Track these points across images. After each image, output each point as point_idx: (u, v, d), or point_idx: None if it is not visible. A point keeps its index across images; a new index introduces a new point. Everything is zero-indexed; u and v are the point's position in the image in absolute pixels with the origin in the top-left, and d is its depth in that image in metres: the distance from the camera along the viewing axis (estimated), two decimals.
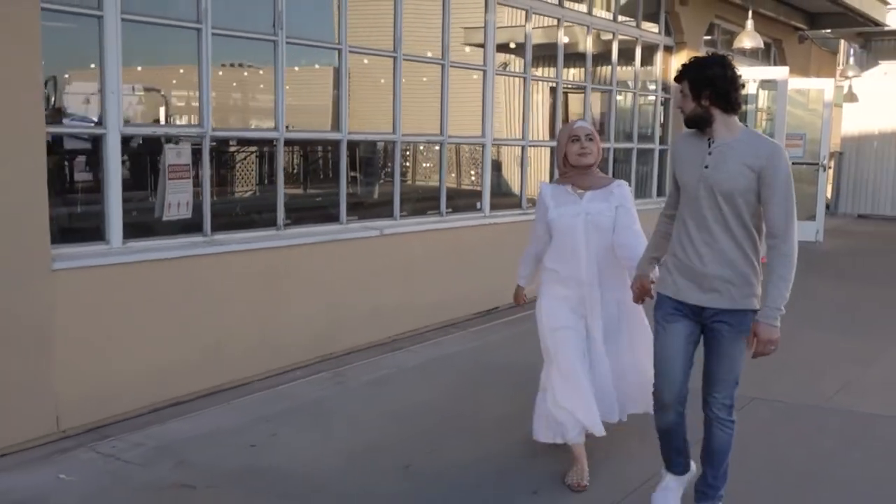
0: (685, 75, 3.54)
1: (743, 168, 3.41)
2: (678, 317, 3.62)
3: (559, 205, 4.24)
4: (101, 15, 4.89)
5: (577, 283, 4.24)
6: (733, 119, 3.52)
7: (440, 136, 7.49)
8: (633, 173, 10.76)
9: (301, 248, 6.12)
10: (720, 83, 3.45)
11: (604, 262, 4.23)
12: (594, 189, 4.23)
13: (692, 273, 3.55)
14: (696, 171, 3.52)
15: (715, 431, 3.65)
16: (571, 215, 4.19)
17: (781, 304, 3.39)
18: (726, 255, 3.49)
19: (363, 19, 6.69)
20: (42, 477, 4.22)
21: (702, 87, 3.46)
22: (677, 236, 3.65)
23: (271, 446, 4.69)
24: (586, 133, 4.22)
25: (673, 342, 3.63)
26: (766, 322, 3.40)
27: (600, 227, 4.19)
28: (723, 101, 3.47)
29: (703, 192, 3.49)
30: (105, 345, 4.88)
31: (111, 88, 4.96)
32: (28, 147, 4.45)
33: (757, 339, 3.42)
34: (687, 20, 11.18)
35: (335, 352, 6.32)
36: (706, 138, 3.53)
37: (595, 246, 4.20)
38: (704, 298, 3.54)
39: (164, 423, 4.95)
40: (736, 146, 3.46)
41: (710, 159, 3.49)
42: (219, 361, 5.50)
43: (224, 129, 5.92)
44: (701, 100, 3.48)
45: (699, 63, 3.54)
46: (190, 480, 4.20)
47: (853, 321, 7.93)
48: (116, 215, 5.07)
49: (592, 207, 4.19)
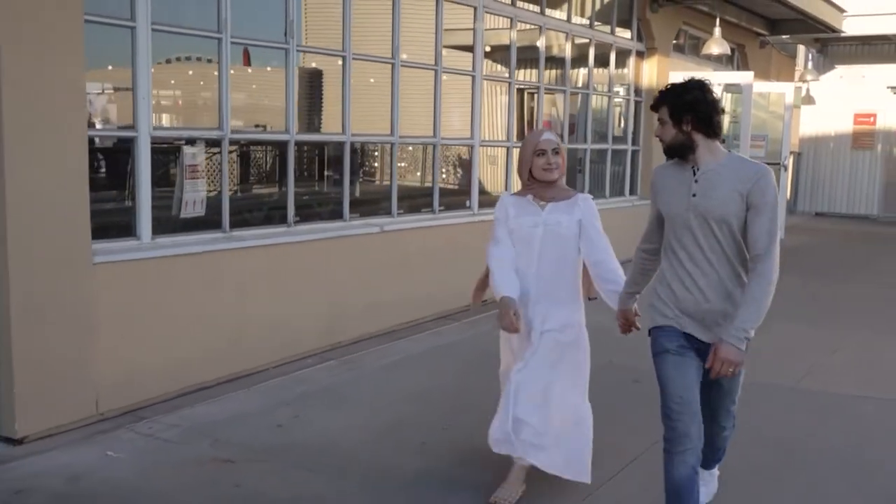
0: (663, 102, 3.42)
1: (733, 193, 3.29)
2: (688, 348, 3.45)
3: (519, 214, 4.09)
4: (134, 26, 5.24)
5: (524, 295, 4.04)
6: (716, 144, 3.40)
7: (433, 137, 7.92)
8: (608, 173, 11.28)
9: (309, 243, 6.50)
10: (702, 108, 3.34)
11: (555, 278, 4.07)
12: (557, 201, 4.08)
13: (694, 310, 3.41)
14: (683, 200, 3.39)
15: (720, 438, 3.76)
16: (530, 226, 4.05)
17: (751, 327, 3.24)
18: (725, 286, 3.36)
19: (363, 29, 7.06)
20: (91, 454, 4.56)
21: (682, 113, 3.35)
22: (671, 271, 3.48)
23: (296, 426, 5.08)
24: (553, 147, 4.04)
25: (687, 374, 3.42)
26: (729, 342, 3.24)
27: (558, 237, 4.03)
28: (705, 125, 3.35)
29: (696, 222, 3.36)
30: (138, 333, 5.23)
31: (142, 94, 5.31)
32: (72, 149, 4.78)
33: (714, 357, 3.26)
34: (657, 27, 11.73)
35: (342, 341, 6.72)
36: (689, 166, 3.41)
37: (548, 260, 4.05)
38: (709, 335, 3.40)
39: (193, 406, 5.31)
40: (722, 171, 3.34)
41: (696, 187, 3.36)
42: (238, 349, 5.86)
43: (240, 131, 6.26)
44: (682, 125, 3.36)
45: (678, 88, 3.42)
46: (227, 456, 4.59)
47: (817, 313, 8.51)
48: (146, 213, 5.42)
49: (552, 218, 4.04)
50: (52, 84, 4.63)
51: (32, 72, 4.52)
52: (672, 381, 3.41)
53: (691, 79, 3.50)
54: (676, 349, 3.44)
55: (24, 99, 4.49)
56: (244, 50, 6.43)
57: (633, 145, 11.86)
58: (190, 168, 6.09)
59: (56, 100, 4.67)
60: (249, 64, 6.53)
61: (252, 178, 6.89)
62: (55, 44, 4.63)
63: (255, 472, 4.40)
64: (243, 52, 6.34)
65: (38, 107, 4.57)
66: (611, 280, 4.01)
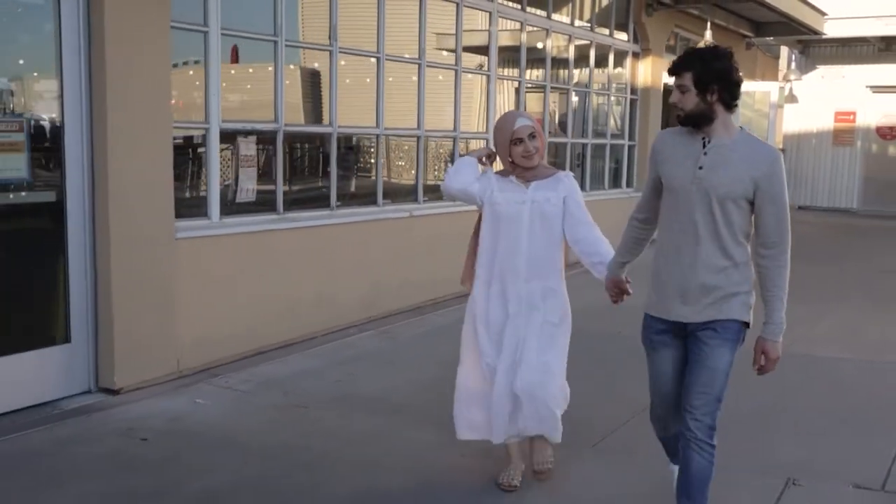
0: (688, 67, 3.21)
1: (743, 175, 3.18)
2: (666, 337, 3.42)
3: (504, 189, 4.04)
4: (207, 30, 5.96)
5: (514, 276, 4.03)
6: (731, 118, 3.26)
7: (454, 132, 8.68)
8: (607, 166, 12.08)
9: (349, 225, 7.24)
10: (733, 77, 3.19)
11: (544, 254, 4.05)
12: (539, 179, 4.05)
13: (675, 282, 3.33)
14: (689, 171, 3.24)
15: (692, 455, 3.30)
16: (517, 202, 4.00)
17: (784, 318, 3.23)
18: (713, 264, 3.26)
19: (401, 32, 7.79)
20: (182, 402, 5.29)
21: (710, 82, 3.15)
22: (664, 240, 3.41)
23: (352, 381, 5.82)
24: (529, 133, 3.96)
25: (665, 367, 3.46)
26: (771, 339, 3.24)
27: (546, 216, 4.00)
28: (729, 97, 3.20)
29: (697, 196, 3.23)
30: (210, 301, 5.94)
31: (213, 91, 6.02)
32: (160, 141, 5.50)
33: (766, 358, 3.27)
34: (652, 29, 12.51)
35: (375, 315, 7.46)
36: (700, 136, 3.25)
37: (538, 236, 4.02)
38: (690, 312, 3.32)
39: (258, 366, 6.04)
40: (735, 148, 3.21)
41: (705, 160, 3.22)
42: (292, 318, 6.59)
43: (292, 124, 6.99)
44: (707, 94, 3.17)
45: (706, 55, 3.23)
46: (299, 403, 5.33)
47: (802, 293, 9.29)
48: (215, 195, 6.14)
49: (539, 195, 4.00)
50: (144, 84, 5.34)
51: (130, 73, 5.22)
52: (652, 376, 3.51)
53: (717, 46, 3.33)
54: (655, 339, 3.45)
55: (122, 98, 5.19)
56: (233, 47, 6.92)
57: (629, 140, 12.65)
58: (245, 158, 6.81)
59: (148, 98, 5.38)
60: (238, 61, 7.01)
61: (298, 168, 7.61)
62: (148, 47, 5.35)
63: (325, 415, 5.15)
64: (232, 49, 6.79)
65: (133, 104, 5.27)
66: (595, 252, 3.98)
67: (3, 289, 5.04)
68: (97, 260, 5.26)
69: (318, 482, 4.18)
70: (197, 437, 4.73)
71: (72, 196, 5.14)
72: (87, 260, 5.24)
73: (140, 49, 5.29)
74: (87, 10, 5.08)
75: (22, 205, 5.13)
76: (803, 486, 4.21)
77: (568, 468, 4.33)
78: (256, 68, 7.11)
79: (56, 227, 5.15)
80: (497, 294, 4.07)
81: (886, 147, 19.02)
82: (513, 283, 4.03)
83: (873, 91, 18.57)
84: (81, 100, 5.11)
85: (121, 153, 5.20)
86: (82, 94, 5.11)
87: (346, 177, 7.80)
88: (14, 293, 5.09)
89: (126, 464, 4.34)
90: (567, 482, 4.24)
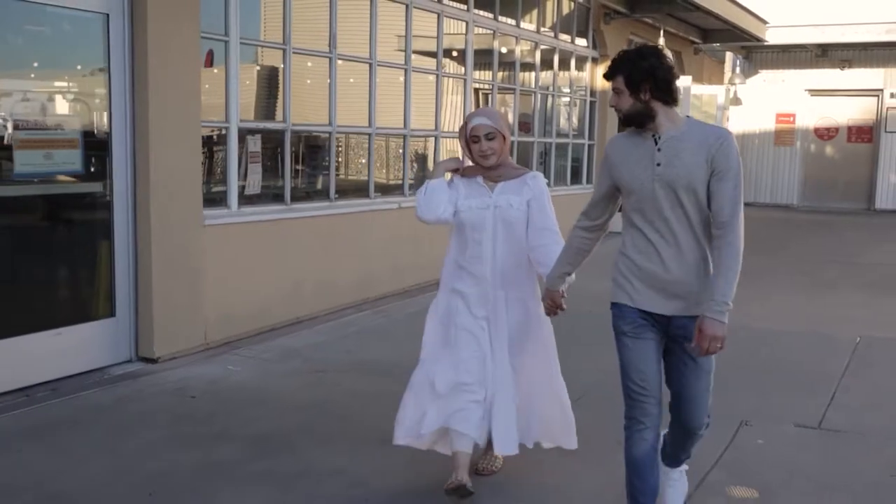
0: (618, 70, 3.24)
1: (698, 159, 3.18)
2: (646, 328, 3.34)
3: (469, 196, 3.96)
4: (228, 40, 6.66)
5: (481, 280, 3.97)
6: (674, 110, 3.26)
7: (435, 130, 9.46)
8: (569, 163, 12.96)
9: (346, 215, 7.99)
10: (660, 74, 3.19)
11: (511, 260, 3.96)
12: (506, 180, 3.98)
13: (656, 280, 3.29)
14: (647, 171, 3.25)
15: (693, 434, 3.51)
16: (480, 207, 3.92)
17: (730, 298, 3.17)
18: (689, 257, 3.26)
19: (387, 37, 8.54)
20: (215, 368, 6.00)
21: (640, 81, 3.18)
22: (632, 244, 3.35)
23: (360, 351, 6.58)
24: (486, 132, 3.88)
25: (646, 356, 3.35)
26: (712, 317, 3.14)
27: (508, 222, 3.93)
28: (664, 93, 3.20)
29: (661, 192, 3.22)
30: (231, 282, 6.64)
31: (233, 93, 6.72)
32: (191, 137, 6.19)
33: (701, 335, 3.15)
34: (610, 36, 13.43)
35: (370, 297, 8.21)
36: (649, 135, 3.26)
37: (503, 242, 3.94)
38: (671, 307, 3.29)
39: (274, 340, 6.76)
40: (685, 138, 3.22)
41: (660, 156, 3.22)
42: (299, 298, 7.31)
43: (299, 124, 7.71)
44: (640, 94, 3.19)
45: (632, 56, 3.25)
46: (318, 369, 6.07)
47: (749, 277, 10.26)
48: (234, 187, 6.83)
49: (502, 200, 3.93)
50: (178, 87, 6.02)
51: (166, 78, 5.91)
52: (630, 362, 3.36)
53: (644, 45, 3.41)
54: (632, 330, 3.36)
55: (161, 99, 5.87)
56: (208, 51, 7.36)
57: (588, 140, 13.56)
58: (251, 154, 7.51)
59: (182, 100, 6.06)
60: (212, 65, 7.58)
61: (301, 163, 8.32)
62: (182, 55, 6.04)
63: (343, 378, 5.89)
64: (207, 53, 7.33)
65: (170, 106, 5.95)
66: (545, 264, 3.84)
67: (60, 268, 5.71)
68: (138, 243, 5.94)
69: (350, 428, 4.93)
70: (237, 396, 5.44)
71: (117, 187, 5.81)
72: (129, 243, 5.92)
73: (175, 56, 5.97)
74: (132, 23, 5.75)
75: (76, 194, 5.79)
76: (754, 426, 5.07)
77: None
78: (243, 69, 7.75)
79: (104, 214, 5.82)
80: (465, 296, 4.00)
81: (824, 147, 20.24)
82: (480, 291, 3.97)
83: (811, 94, 19.80)
84: (125, 102, 5.79)
85: (159, 149, 5.88)
86: (126, 97, 5.78)
87: (342, 172, 8.54)
88: (69, 272, 5.76)
89: (182, 416, 5.05)
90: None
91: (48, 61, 5.62)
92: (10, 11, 5.23)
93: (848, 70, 19.35)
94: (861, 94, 19.45)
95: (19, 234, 5.53)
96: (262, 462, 4.36)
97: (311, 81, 7.92)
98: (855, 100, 19.63)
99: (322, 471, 4.27)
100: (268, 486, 4.09)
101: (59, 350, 5.53)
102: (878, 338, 7.33)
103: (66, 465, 4.27)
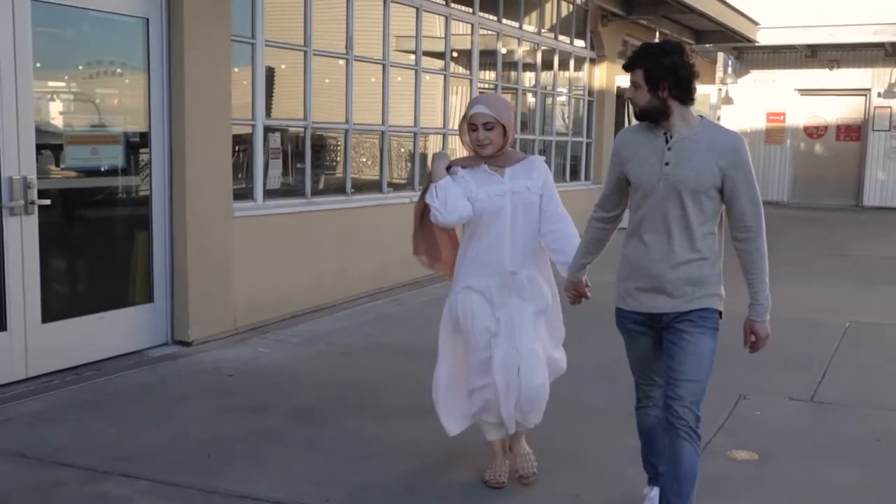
0: (639, 64, 3.19)
1: (709, 164, 3.16)
2: (641, 330, 3.41)
3: (481, 184, 3.86)
4: (254, 42, 7.05)
5: (501, 270, 3.90)
6: (689, 110, 3.24)
7: (443, 129, 9.88)
8: (568, 160, 13.40)
9: (361, 209, 8.39)
10: (681, 72, 3.15)
11: (529, 245, 3.93)
12: (511, 165, 3.93)
13: (645, 277, 3.31)
14: (655, 168, 3.22)
15: (682, 445, 3.27)
16: (497, 194, 3.84)
17: (767, 299, 3.30)
18: (684, 257, 3.25)
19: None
20: (246, 351, 6.39)
21: (660, 78, 3.14)
22: (632, 237, 3.36)
23: (379, 335, 6.99)
24: (483, 121, 3.81)
25: (644, 355, 3.48)
26: (759, 320, 3.30)
27: (528, 206, 3.89)
28: (682, 92, 3.18)
29: (666, 192, 3.20)
30: (257, 270, 7.03)
31: (259, 93, 7.11)
32: (223, 134, 6.58)
33: (755, 340, 3.36)
34: (607, 38, 13.87)
35: (384, 286, 8.61)
36: (662, 132, 3.22)
37: (521, 228, 3.89)
38: (661, 304, 3.30)
39: (297, 326, 7.16)
40: (697, 140, 3.19)
41: (670, 155, 3.19)
42: (319, 287, 7.71)
43: (318, 122, 8.11)
44: (658, 91, 3.16)
45: (655, 50, 3.20)
46: (342, 351, 6.47)
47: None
48: (259, 182, 7.23)
49: (518, 185, 3.87)
50: (211, 87, 6.41)
51: (200, 78, 6.29)
52: (632, 360, 3.55)
53: (666, 40, 3.38)
54: (629, 333, 3.46)
55: (196, 99, 6.25)
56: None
57: (587, 138, 13.99)
58: (273, 151, 7.90)
59: (214, 99, 6.45)
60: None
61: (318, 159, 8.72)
62: (214, 57, 6.43)
63: (366, 359, 6.30)
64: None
65: (204, 104, 6.34)
66: (562, 251, 3.87)
67: (103, 256, 6.10)
68: (174, 234, 6.32)
69: (380, 401, 5.34)
70: (272, 374, 5.85)
71: (156, 181, 6.20)
72: (166, 234, 6.30)
73: (208, 58, 6.36)
74: (169, 26, 6.13)
75: (118, 187, 6.17)
76: (751, 400, 5.50)
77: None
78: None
79: (143, 206, 6.21)
80: (481, 291, 3.93)
81: (813, 145, 20.70)
82: (498, 278, 3.90)
83: (801, 94, 20.24)
84: (163, 101, 6.17)
85: (193, 145, 6.27)
86: (164, 96, 6.17)
87: (356, 167, 8.94)
88: (111, 260, 6.15)
89: (224, 391, 5.45)
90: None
91: (94, 63, 5.99)
92: (58, 16, 5.60)
93: (836, 70, 19.81)
94: (849, 94, 19.92)
95: (67, 225, 5.91)
96: (305, 430, 4.77)
97: (328, 81, 8.31)
98: (843, 99, 20.09)
99: (360, 438, 4.68)
100: (313, 450, 4.49)
101: (103, 332, 5.91)
102: (864, 323, 7.79)
103: (124, 433, 4.67)
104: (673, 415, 3.28)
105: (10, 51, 5.14)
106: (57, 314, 5.61)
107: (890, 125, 19.45)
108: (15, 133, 5.20)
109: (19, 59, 5.19)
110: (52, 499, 3.85)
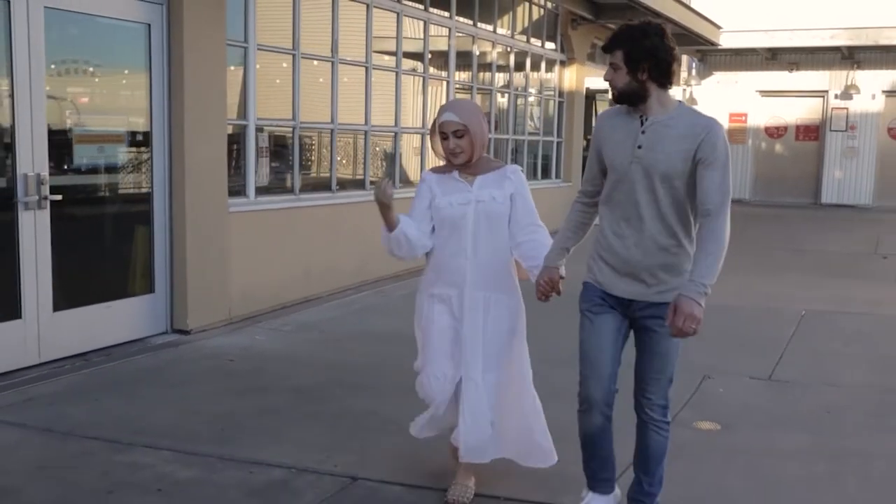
0: (619, 45, 3.13)
1: (680, 149, 3.10)
2: (605, 308, 3.32)
3: (446, 192, 3.74)
4: (247, 46, 7.43)
5: (460, 281, 3.73)
6: (667, 94, 3.17)
7: (422, 128, 10.31)
8: (540, 159, 13.89)
9: (346, 205, 8.79)
10: (661, 55, 3.09)
11: (493, 259, 3.74)
12: (484, 174, 3.75)
13: (619, 262, 3.25)
14: (628, 151, 3.17)
15: (650, 434, 3.37)
16: (461, 203, 3.70)
17: (709, 280, 3.06)
18: (657, 243, 3.19)
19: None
20: (242, 338, 6.77)
21: (640, 60, 3.08)
22: (606, 220, 3.31)
23: (368, 323, 7.41)
24: (453, 129, 3.66)
25: (601, 335, 3.32)
26: (688, 296, 3.03)
27: (492, 217, 3.71)
28: (661, 75, 3.11)
29: (638, 175, 3.15)
30: (251, 263, 7.40)
31: (251, 94, 7.49)
32: (219, 133, 6.95)
33: (675, 314, 3.04)
34: (576, 41, 14.37)
35: (367, 279, 9.02)
36: (637, 115, 3.18)
37: (484, 239, 3.71)
38: (631, 290, 3.26)
39: (289, 315, 7.55)
40: (672, 124, 3.13)
41: (643, 138, 3.14)
42: (307, 279, 8.10)
43: (306, 121, 8.50)
44: (638, 73, 3.10)
45: (636, 32, 3.12)
46: (335, 339, 6.87)
47: None
48: (252, 179, 7.60)
49: (484, 194, 3.70)
50: (209, 88, 6.78)
51: (198, 80, 6.66)
52: (583, 341, 3.37)
53: (648, 21, 3.20)
54: (590, 309, 3.35)
55: (194, 99, 6.62)
56: None
57: (557, 137, 14.49)
58: (261, 150, 8.28)
59: (211, 100, 6.82)
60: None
61: (306, 157, 9.11)
62: (211, 60, 6.79)
63: (356, 345, 6.71)
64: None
65: (201, 104, 6.70)
66: (534, 257, 3.67)
67: (108, 248, 6.45)
68: (174, 228, 6.68)
69: (373, 380, 5.74)
70: (270, 358, 6.24)
71: (157, 177, 6.56)
72: (166, 228, 6.66)
73: (206, 61, 6.72)
74: (169, 31, 6.49)
75: (122, 184, 6.53)
76: (714, 379, 5.99)
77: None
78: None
79: (145, 201, 6.56)
80: (444, 301, 3.81)
81: (774, 145, 21.40)
82: (459, 292, 3.75)
83: (762, 95, 20.96)
84: (164, 101, 6.53)
85: (192, 144, 6.63)
86: (164, 97, 6.52)
87: (341, 165, 9.34)
88: (115, 252, 6.50)
89: (227, 374, 5.83)
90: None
91: (99, 66, 6.34)
92: (67, 22, 5.94)
93: (796, 72, 20.50)
94: (808, 95, 20.64)
95: (75, 219, 6.24)
96: (308, 406, 5.18)
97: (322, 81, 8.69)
98: (802, 100, 20.80)
99: (359, 412, 5.09)
100: (318, 423, 4.90)
101: (109, 321, 6.26)
102: (819, 311, 8.34)
103: (141, 409, 5.04)
104: (644, 415, 3.40)
105: (26, 55, 5.48)
106: (67, 303, 5.95)
107: (846, 126, 20.19)
108: (29, 133, 5.54)
109: (33, 62, 5.53)
110: (86, 466, 4.22)
